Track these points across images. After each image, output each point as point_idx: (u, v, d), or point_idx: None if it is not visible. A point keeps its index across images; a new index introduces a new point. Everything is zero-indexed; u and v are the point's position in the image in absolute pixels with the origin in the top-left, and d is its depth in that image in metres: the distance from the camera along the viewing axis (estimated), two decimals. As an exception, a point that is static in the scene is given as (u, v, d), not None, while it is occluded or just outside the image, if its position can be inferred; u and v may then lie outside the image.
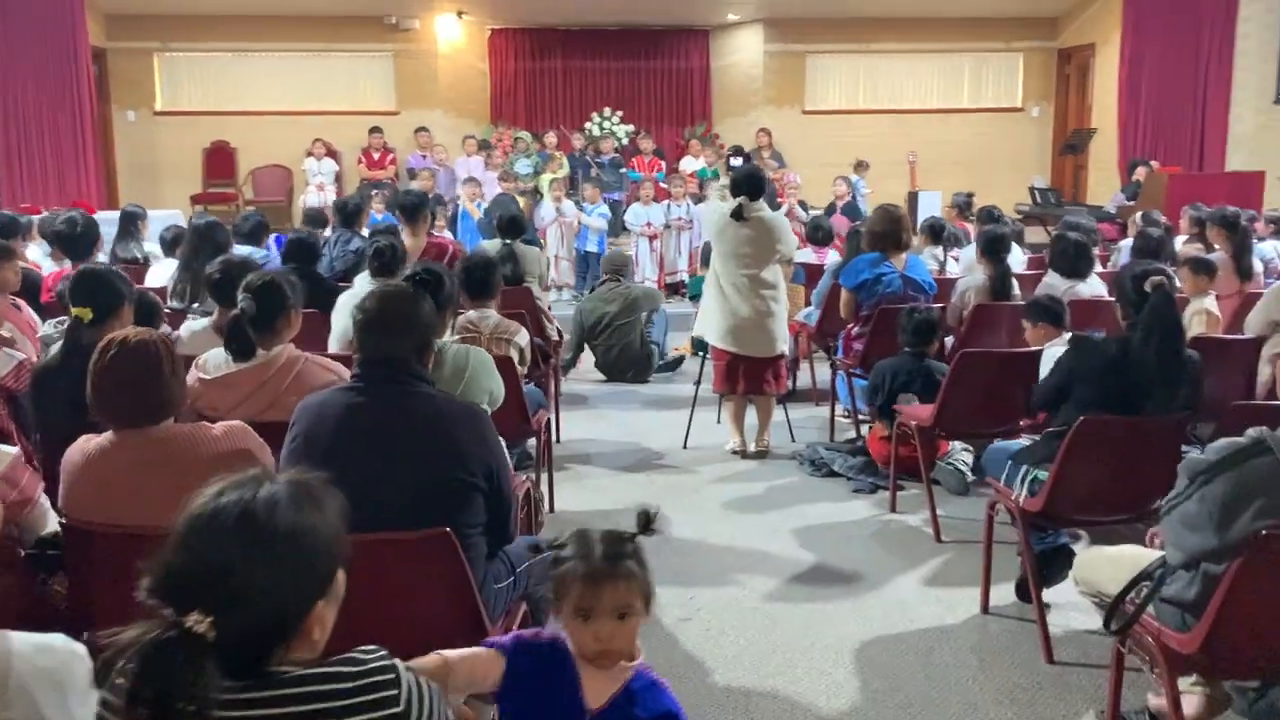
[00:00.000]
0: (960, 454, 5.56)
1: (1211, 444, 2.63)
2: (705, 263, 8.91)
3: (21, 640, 1.59)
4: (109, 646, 1.35)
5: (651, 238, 11.00)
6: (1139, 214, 8.39)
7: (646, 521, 2.03)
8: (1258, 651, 2.70)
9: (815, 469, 5.81)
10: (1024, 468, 3.84)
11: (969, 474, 5.40)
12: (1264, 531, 2.48)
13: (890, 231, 6.08)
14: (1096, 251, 6.95)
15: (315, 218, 8.15)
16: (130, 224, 8.14)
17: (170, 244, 7.26)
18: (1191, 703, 3.00)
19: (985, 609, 4.10)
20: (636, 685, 1.99)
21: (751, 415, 6.18)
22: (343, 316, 4.97)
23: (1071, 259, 6.19)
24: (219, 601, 1.36)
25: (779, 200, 11.09)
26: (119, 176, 14.20)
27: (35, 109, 11.76)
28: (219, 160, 14.47)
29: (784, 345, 6.01)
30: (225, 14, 13.95)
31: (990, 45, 15.24)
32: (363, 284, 5.26)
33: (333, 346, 5.02)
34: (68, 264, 6.43)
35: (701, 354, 8.48)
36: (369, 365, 2.70)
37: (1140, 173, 11.87)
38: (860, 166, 12.84)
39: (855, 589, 4.35)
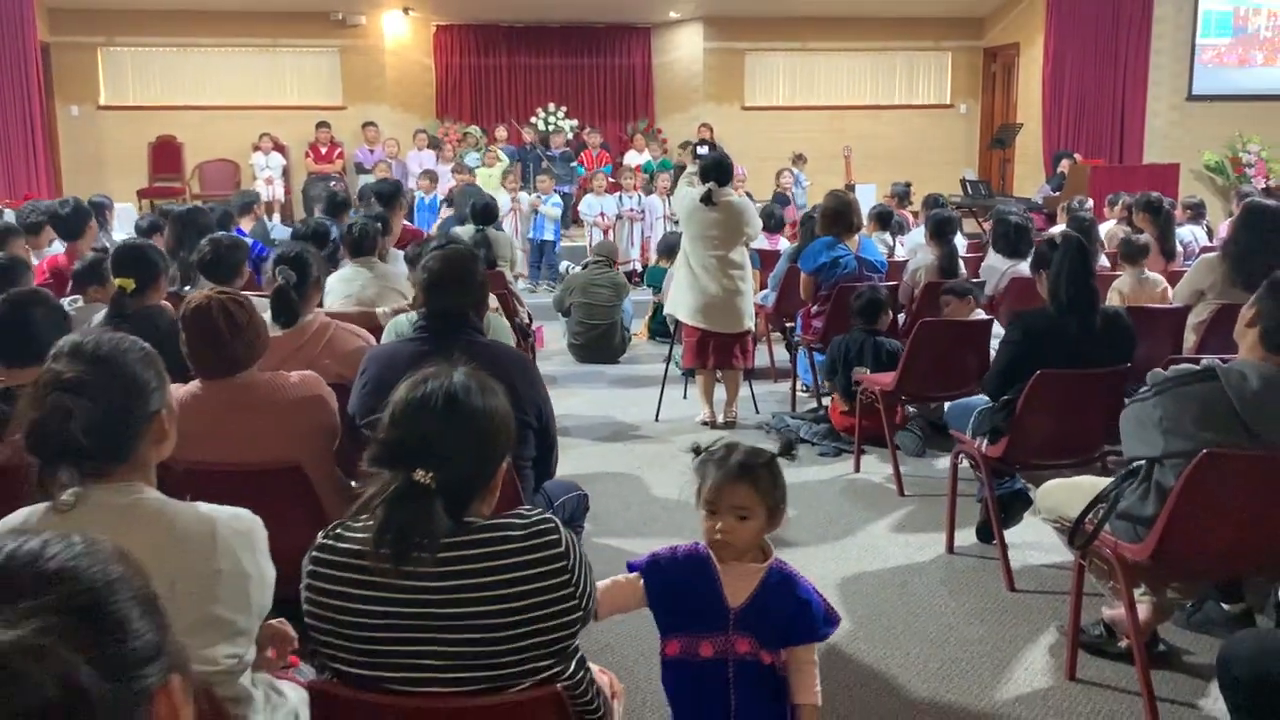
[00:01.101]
0: (915, 421, 6.03)
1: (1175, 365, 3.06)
2: (665, 253, 9.33)
3: (216, 508, 1.91)
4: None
5: (605, 229, 11.36)
6: (1068, 201, 8.97)
7: (789, 447, 2.37)
8: (1199, 558, 3.15)
9: (781, 436, 6.23)
10: (984, 419, 4.28)
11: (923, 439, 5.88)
12: (1205, 451, 2.92)
13: (842, 214, 6.52)
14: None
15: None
16: (99, 214, 8.29)
17: (146, 232, 7.43)
18: (1141, 611, 3.45)
19: (950, 549, 4.54)
20: (771, 580, 2.25)
21: (720, 390, 6.57)
22: (332, 296, 5.28)
23: (1013, 240, 6.68)
24: (433, 462, 1.71)
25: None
26: (63, 171, 14.15)
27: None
28: (165, 154, 14.49)
29: (750, 322, 6.41)
30: (170, 9, 13.99)
31: (920, 44, 15.87)
32: (347, 268, 5.55)
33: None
34: (58, 248, 6.60)
35: (657, 338, 8.92)
36: (434, 318, 3.04)
37: (1064, 165, 12.54)
38: (799, 160, 13.34)
39: (830, 535, 4.76)
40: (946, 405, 4.86)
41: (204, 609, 1.80)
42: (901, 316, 6.59)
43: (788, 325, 7.85)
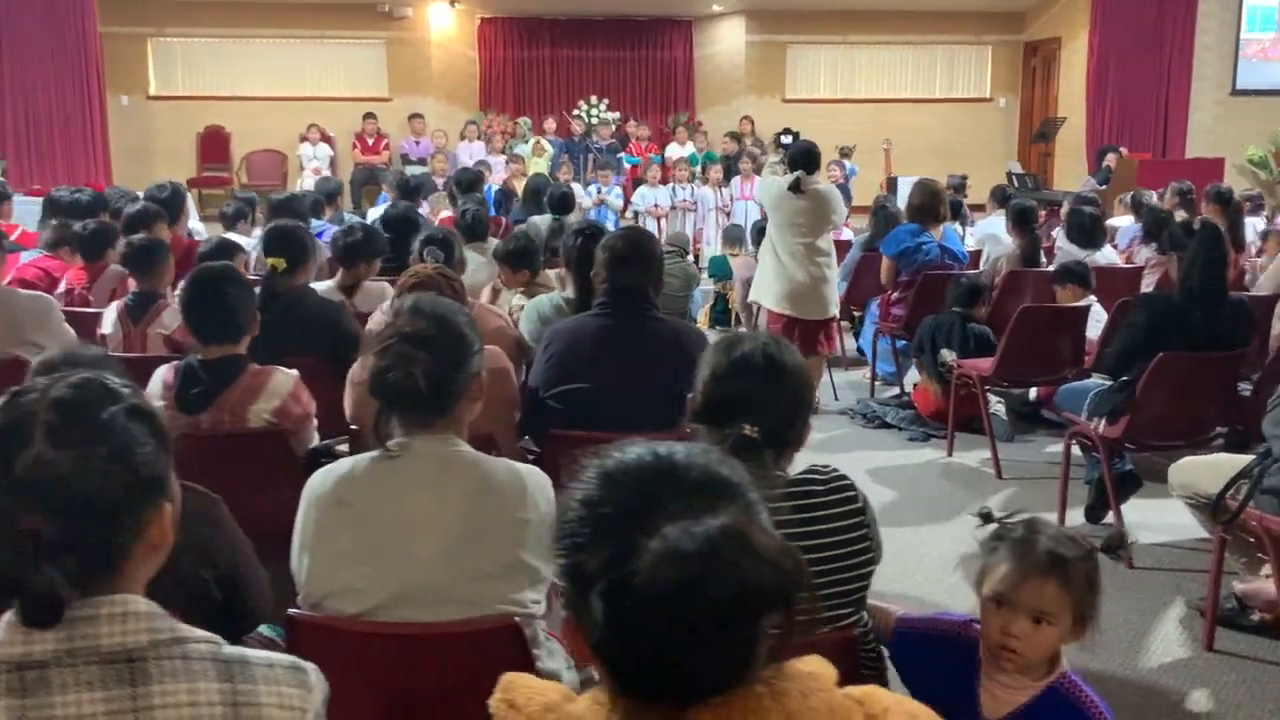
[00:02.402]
0: (997, 407, 6.13)
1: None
2: (729, 242, 9.45)
3: (521, 464, 2.03)
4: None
5: (659, 218, 11.47)
6: (1129, 195, 9.07)
7: (1118, 543, 1.90)
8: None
9: (868, 421, 6.34)
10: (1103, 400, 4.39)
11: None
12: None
13: (929, 205, 6.62)
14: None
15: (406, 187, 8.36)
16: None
17: (232, 219, 7.56)
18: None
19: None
20: (1047, 701, 1.80)
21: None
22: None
23: (1087, 231, 6.78)
24: (756, 416, 1.82)
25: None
26: (113, 160, 14.27)
27: (45, 93, 11.86)
28: (213, 144, 14.63)
29: (835, 309, 6.51)
30: (219, 0, 14.11)
31: (961, 38, 15.94)
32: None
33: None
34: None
35: (718, 327, 9.03)
36: (616, 294, 3.15)
37: (1110, 159, 12.59)
38: (846, 151, 13.43)
39: (938, 516, 4.87)
40: (1059, 389, 4.95)
41: (513, 555, 1.92)
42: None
43: (855, 314, 7.97)
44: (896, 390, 6.80)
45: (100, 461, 1.22)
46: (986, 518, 1.93)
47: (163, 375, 3.11)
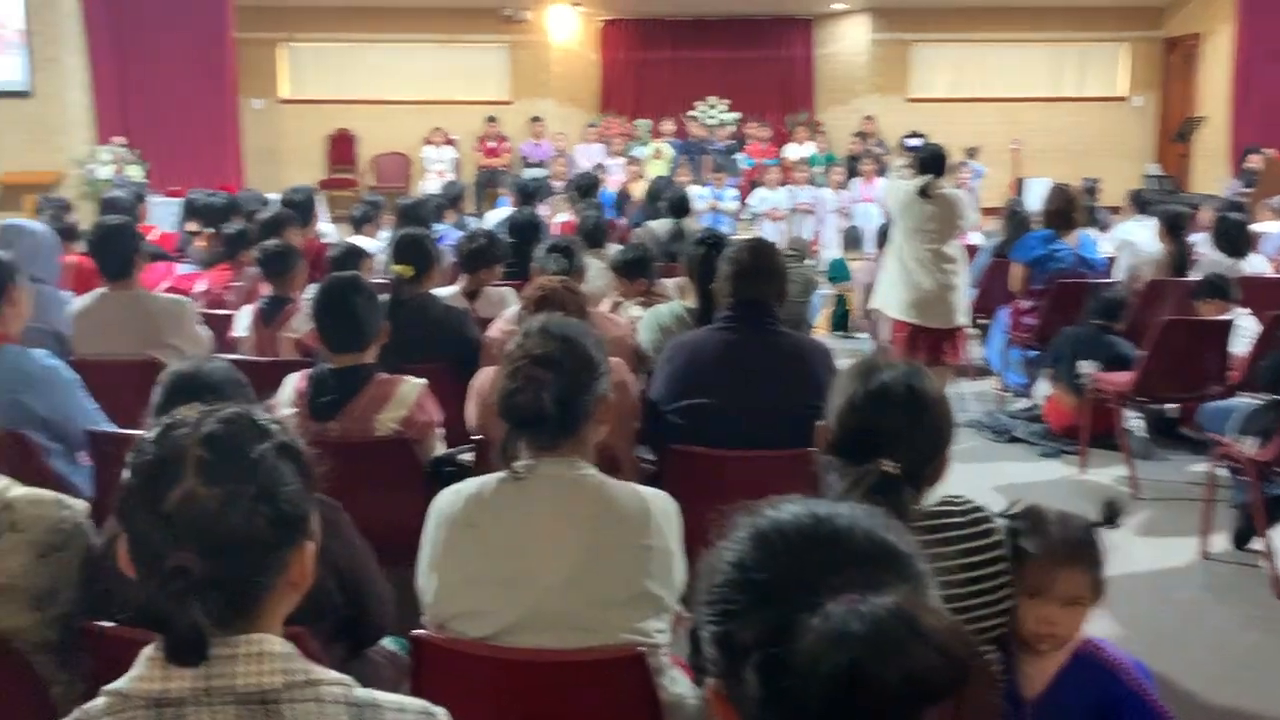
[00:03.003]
0: (1135, 423, 5.87)
1: None
2: (849, 246, 9.29)
3: (645, 488, 1.99)
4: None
5: (776, 220, 11.34)
6: (1277, 199, 8.60)
7: (1113, 514, 1.95)
8: None
9: (996, 435, 6.13)
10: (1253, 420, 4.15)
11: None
12: None
13: (1064, 210, 6.38)
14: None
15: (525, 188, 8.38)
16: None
17: (359, 222, 7.70)
18: None
19: (1205, 555, 4.41)
20: (1076, 669, 1.90)
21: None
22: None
23: (1234, 239, 6.44)
24: (897, 451, 1.74)
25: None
26: (246, 162, 14.75)
27: (183, 97, 12.30)
28: (341, 147, 15.01)
29: (964, 317, 6.32)
30: (349, 6, 14.47)
31: (1095, 35, 15.38)
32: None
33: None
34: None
35: (838, 332, 8.88)
36: (739, 307, 3.09)
37: (1255, 160, 11.98)
38: (973, 152, 13.08)
39: (1071, 537, 4.67)
40: (1202, 407, 4.71)
41: (638, 583, 1.88)
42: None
43: (983, 322, 7.72)
44: (1027, 403, 6.56)
45: (249, 500, 1.22)
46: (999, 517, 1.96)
47: (295, 382, 3.16)
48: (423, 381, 3.19)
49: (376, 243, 7.67)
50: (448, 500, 1.97)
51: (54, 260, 4.63)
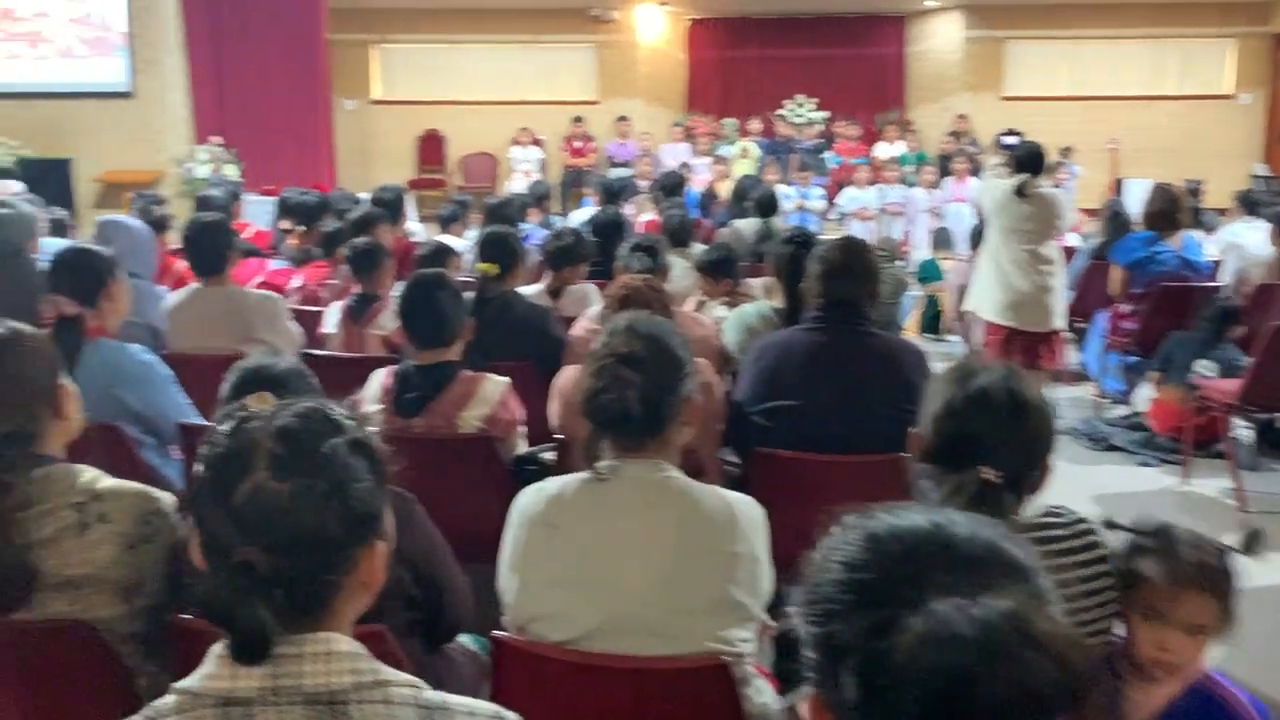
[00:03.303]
0: (1243, 432, 5.62)
1: None
2: (940, 246, 9.10)
3: (730, 492, 1.93)
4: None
5: (866, 220, 11.16)
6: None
7: (1253, 542, 1.87)
8: None
9: (1094, 443, 5.93)
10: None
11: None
12: None
13: (1167, 211, 6.14)
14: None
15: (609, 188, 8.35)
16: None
17: (447, 221, 7.76)
18: None
19: (1320, 573, 4.19)
20: (1188, 702, 1.77)
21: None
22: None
23: (1351, 242, 6.14)
24: (998, 458, 1.65)
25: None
26: (338, 162, 15.02)
27: (277, 98, 12.55)
28: (430, 147, 15.19)
29: (1061, 320, 6.13)
30: (439, 7, 14.63)
31: (1199, 31, 14.86)
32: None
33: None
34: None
35: (927, 334, 8.69)
36: (829, 308, 3.01)
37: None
38: (1067, 152, 12.74)
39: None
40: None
41: (722, 590, 1.82)
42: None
43: (1080, 326, 7.49)
44: (1126, 410, 6.33)
45: (319, 495, 1.19)
46: (1110, 525, 1.85)
47: (381, 378, 3.17)
48: (506, 380, 3.17)
49: (463, 241, 7.73)
50: (529, 500, 1.94)
51: (150, 255, 4.74)
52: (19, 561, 1.86)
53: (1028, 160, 5.97)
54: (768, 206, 7.36)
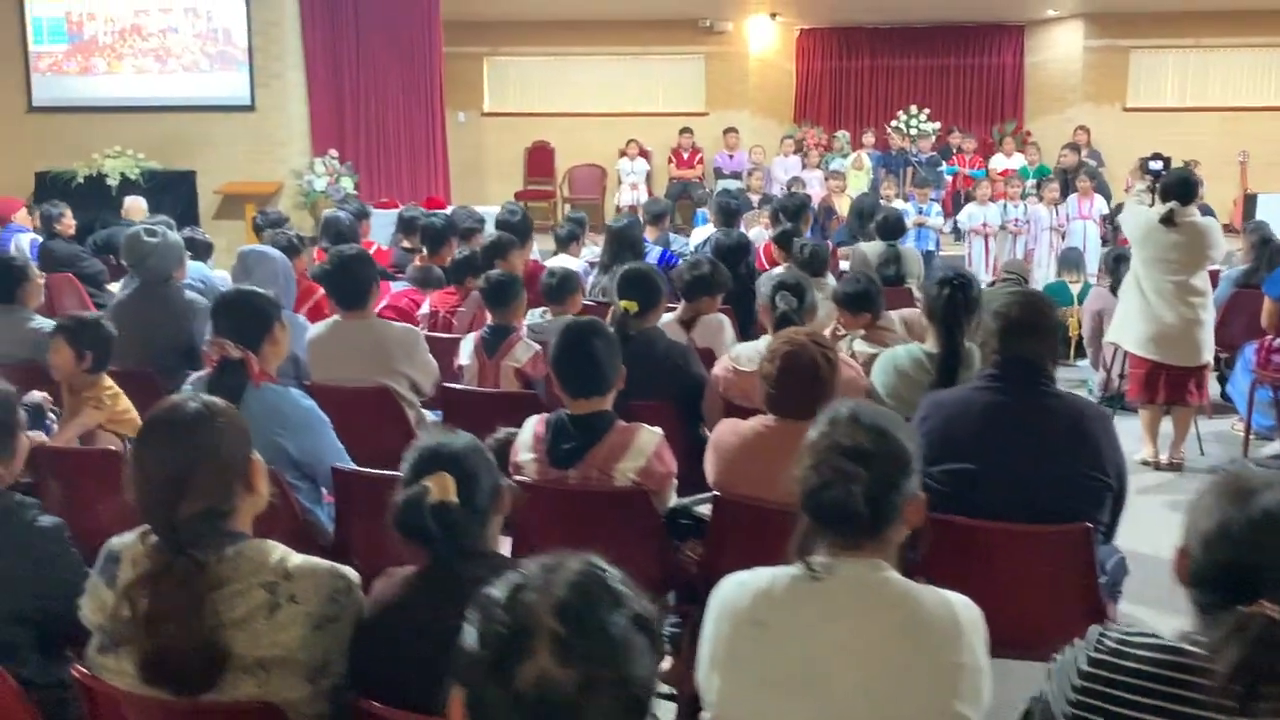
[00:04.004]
0: None
1: None
2: (1067, 267, 8.79)
3: (949, 593, 1.81)
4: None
5: (986, 237, 10.85)
6: None
7: None
8: None
9: (1245, 483, 5.63)
10: None
11: None
12: None
13: (1327, 239, 5.82)
14: None
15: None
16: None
17: (565, 241, 7.73)
18: None
19: None
20: None
21: (1165, 426, 6.04)
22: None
23: None
24: None
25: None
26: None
27: (393, 111, 12.71)
28: (539, 159, 15.25)
29: (1210, 354, 5.85)
30: (551, 20, 14.66)
31: (1338, 37, 14.19)
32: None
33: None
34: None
35: (1060, 362, 8.39)
36: (1008, 365, 2.87)
37: None
38: (1193, 165, 12.24)
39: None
40: None
41: (944, 703, 1.70)
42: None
43: (1222, 356, 7.15)
44: (1277, 448, 6.02)
45: (606, 685, 1.12)
46: None
47: (533, 426, 3.12)
48: (659, 431, 3.09)
49: (579, 261, 7.70)
50: (733, 594, 1.83)
51: (290, 285, 4.79)
52: (210, 642, 1.84)
53: (1176, 187, 5.72)
54: (894, 229, 7.17)
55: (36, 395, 3.78)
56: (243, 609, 1.86)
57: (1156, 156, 6.16)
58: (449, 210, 9.74)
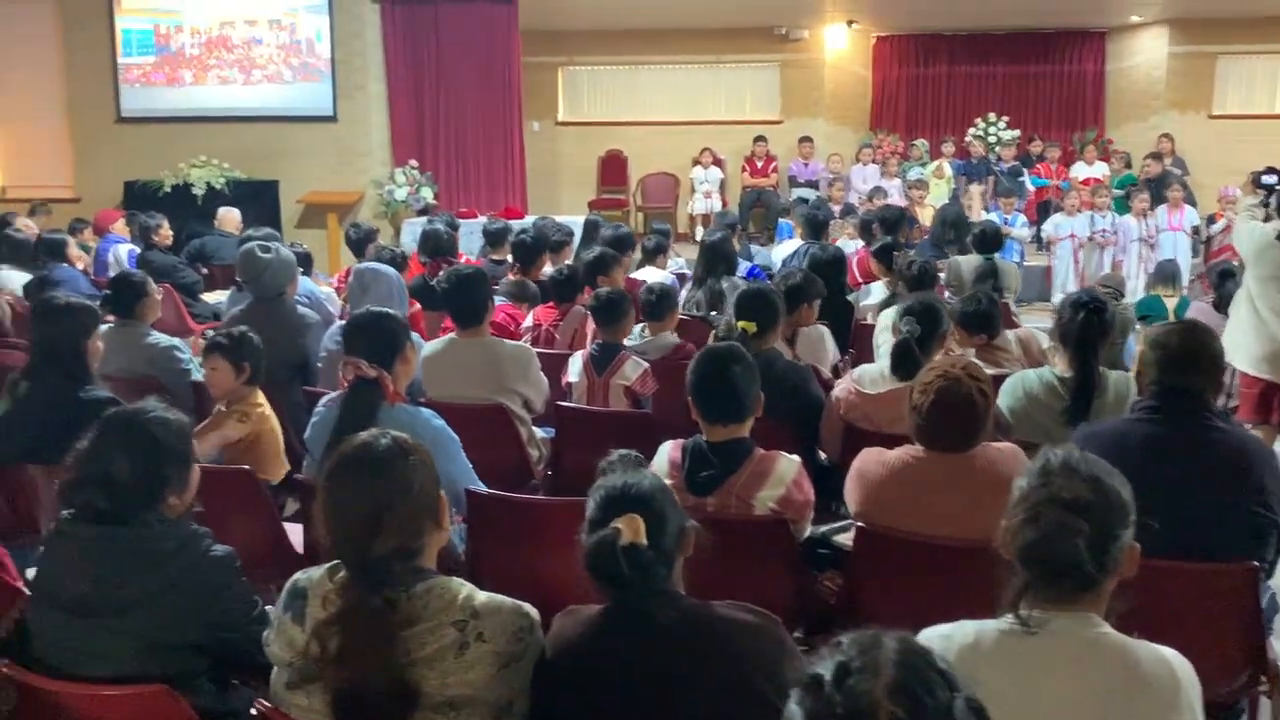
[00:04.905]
0: None
1: None
2: (1161, 281, 8.60)
3: (1157, 647, 1.75)
4: None
5: (1077, 249, 10.64)
6: None
7: None
8: None
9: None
10: None
11: None
12: None
13: None
14: None
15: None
16: (595, 231, 8.74)
17: (652, 252, 7.71)
18: None
19: None
20: None
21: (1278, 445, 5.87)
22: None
23: None
24: None
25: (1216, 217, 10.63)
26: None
27: (473, 122, 12.79)
28: (612, 168, 15.25)
29: (1327, 374, 5.68)
30: (626, 29, 14.67)
31: None
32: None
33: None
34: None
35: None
36: (1167, 396, 2.79)
37: None
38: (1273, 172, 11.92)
39: None
40: None
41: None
42: None
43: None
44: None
45: None
46: None
47: (669, 453, 3.10)
48: (797, 459, 3.06)
49: (665, 274, 7.68)
50: (935, 648, 1.79)
51: (404, 302, 4.82)
52: (401, 680, 1.84)
53: (1295, 203, 5.56)
54: (992, 242, 7.05)
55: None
56: (433, 647, 1.86)
57: (1271, 170, 5.98)
58: (528, 220, 9.80)
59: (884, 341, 5.09)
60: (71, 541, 2.20)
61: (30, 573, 2.46)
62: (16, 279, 6.94)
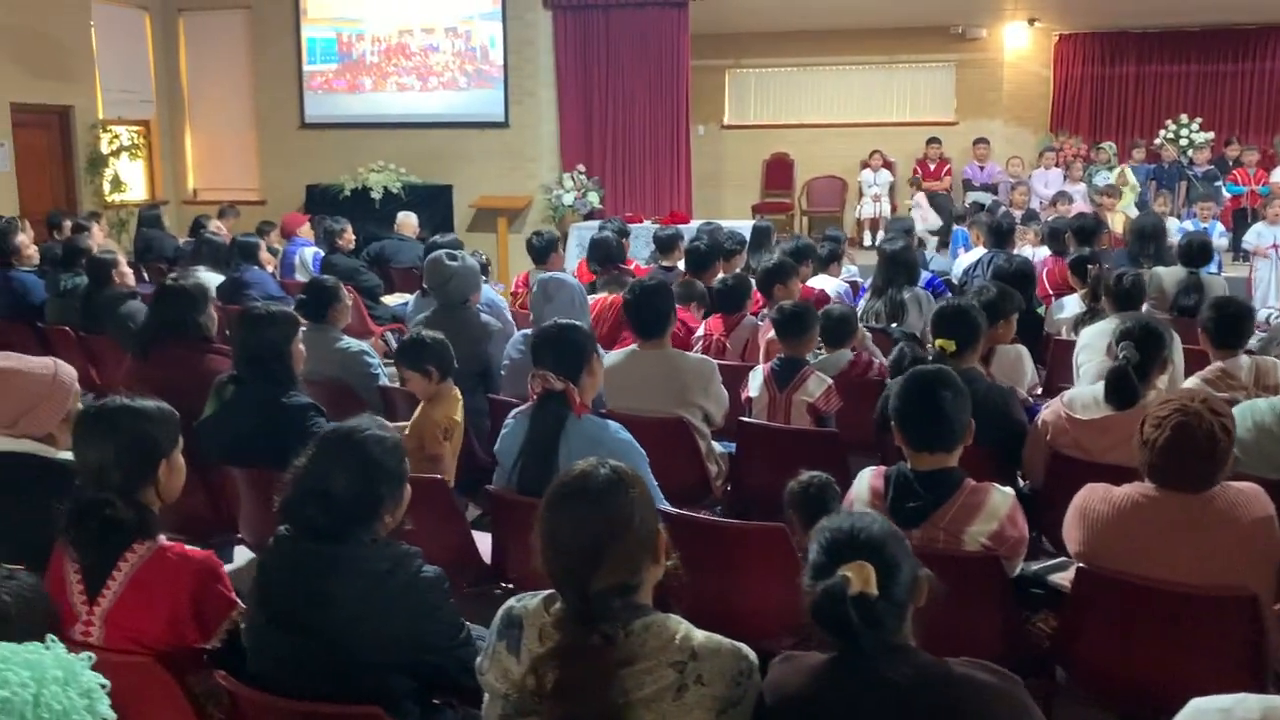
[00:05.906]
0: None
1: None
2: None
3: None
4: None
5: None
6: None
7: None
8: None
9: None
10: None
11: None
12: None
13: None
14: None
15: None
16: (763, 237, 8.59)
17: (826, 260, 7.51)
18: None
19: None
20: None
21: None
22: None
23: None
24: None
25: None
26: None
27: (640, 127, 12.81)
28: (777, 171, 15.06)
29: None
30: (797, 30, 14.47)
31: None
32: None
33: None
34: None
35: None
36: None
37: None
38: None
39: None
40: None
41: None
42: None
43: None
44: None
45: None
46: None
47: (869, 481, 2.96)
48: (1010, 491, 2.87)
49: (839, 282, 7.48)
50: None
51: (585, 310, 4.80)
52: (618, 719, 1.77)
53: None
54: (1199, 254, 6.59)
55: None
56: (651, 688, 1.79)
57: None
58: (693, 224, 9.72)
59: (1085, 361, 4.82)
60: (287, 557, 2.22)
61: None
62: (213, 281, 7.25)
